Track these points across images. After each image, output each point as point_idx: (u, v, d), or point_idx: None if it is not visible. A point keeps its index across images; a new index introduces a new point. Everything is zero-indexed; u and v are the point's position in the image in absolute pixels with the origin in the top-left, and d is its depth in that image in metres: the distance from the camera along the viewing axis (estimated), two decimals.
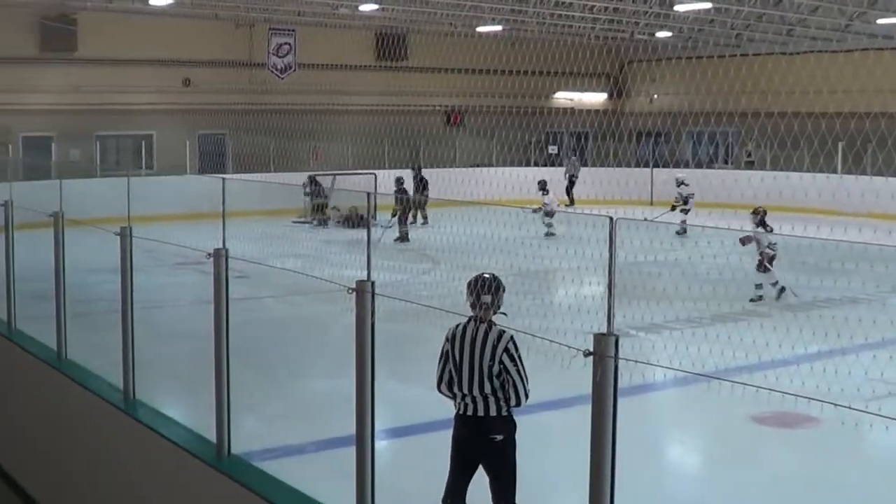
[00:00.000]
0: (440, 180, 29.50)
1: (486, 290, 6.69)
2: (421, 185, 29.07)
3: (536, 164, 36.34)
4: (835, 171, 30.51)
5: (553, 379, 9.20)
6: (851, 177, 29.56)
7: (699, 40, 34.91)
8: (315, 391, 11.85)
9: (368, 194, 14.11)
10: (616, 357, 4.44)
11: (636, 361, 4.96)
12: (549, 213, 26.30)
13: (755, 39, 34.16)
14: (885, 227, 24.66)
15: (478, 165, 34.83)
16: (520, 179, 30.26)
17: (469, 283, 6.81)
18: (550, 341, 5.62)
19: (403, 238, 23.97)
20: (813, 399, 5.69)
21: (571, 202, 32.07)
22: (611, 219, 4.73)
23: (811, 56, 32.30)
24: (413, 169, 30.74)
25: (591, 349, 4.51)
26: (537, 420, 10.13)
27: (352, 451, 6.24)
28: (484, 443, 6.73)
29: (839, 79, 28.12)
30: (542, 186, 27.30)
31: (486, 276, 6.83)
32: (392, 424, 10.04)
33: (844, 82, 27.80)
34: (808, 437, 10.41)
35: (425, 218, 29.06)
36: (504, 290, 6.83)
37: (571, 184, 33.95)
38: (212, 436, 7.56)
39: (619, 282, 4.80)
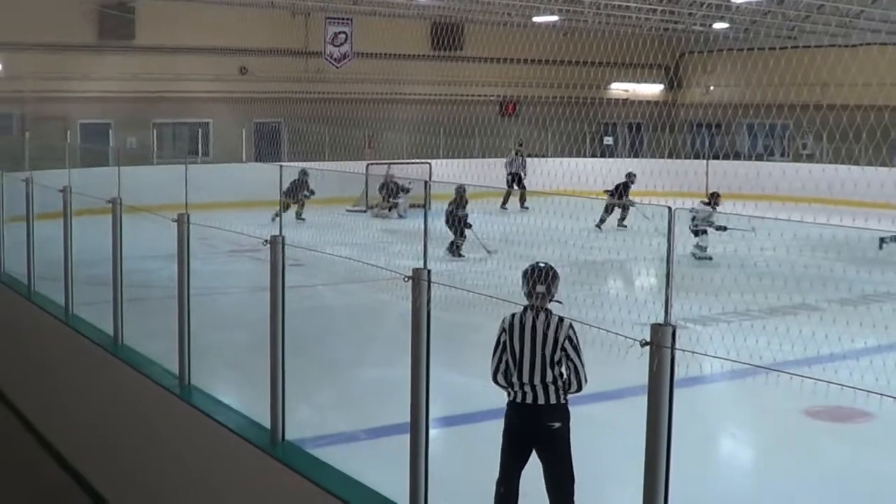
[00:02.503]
0: (495, 170, 29.53)
1: (541, 280, 6.70)
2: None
3: (594, 156, 36.26)
4: (893, 164, 30.17)
5: (605, 370, 9.19)
6: None
7: (755, 32, 34.64)
8: (368, 379, 11.88)
9: (426, 182, 14.05)
10: (673, 347, 4.43)
11: (693, 352, 4.93)
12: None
13: (812, 31, 33.81)
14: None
15: (532, 156, 34.78)
16: (577, 170, 30.28)
17: (524, 273, 6.82)
18: (607, 331, 5.61)
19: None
20: (868, 392, 5.63)
21: (522, 201, 30.96)
22: (669, 209, 4.71)
23: (871, 48, 32.00)
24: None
25: (648, 339, 4.51)
26: (589, 412, 10.13)
27: (404, 439, 6.26)
28: (540, 431, 6.74)
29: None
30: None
31: (542, 265, 6.83)
32: (445, 413, 10.05)
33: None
34: (862, 431, 10.31)
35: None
36: (559, 279, 6.84)
37: (517, 180, 32.29)
38: (266, 422, 7.60)
39: (674, 274, 4.78)
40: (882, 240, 19.99)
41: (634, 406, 4.64)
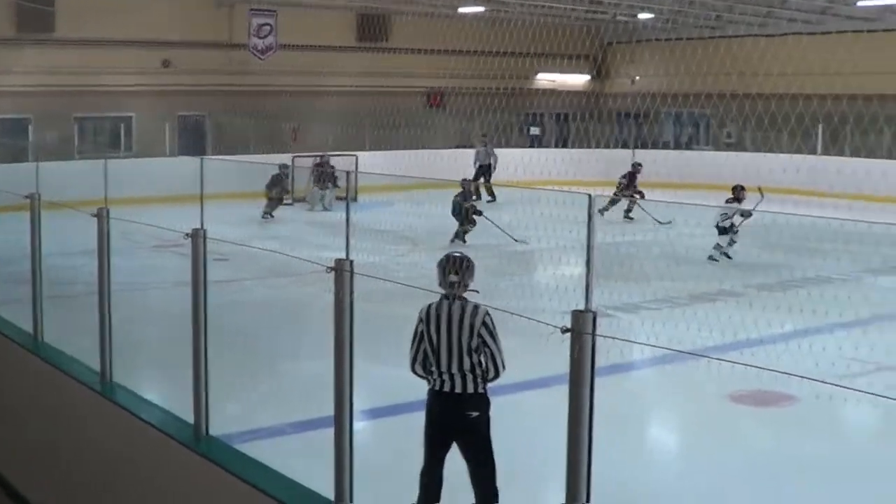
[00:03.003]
0: (421, 162, 29.50)
1: (454, 269, 6.73)
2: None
3: (521, 146, 36.37)
4: (814, 152, 30.60)
5: (532, 359, 9.25)
6: (830, 157, 29.69)
7: (680, 22, 34.93)
8: (296, 373, 11.84)
9: (347, 173, 14.04)
10: (594, 334, 4.45)
11: (614, 338, 4.97)
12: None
13: (735, 21, 34.20)
14: (862, 208, 24.90)
15: (459, 147, 34.81)
16: (504, 160, 30.37)
17: (439, 263, 6.86)
18: (529, 319, 5.63)
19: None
20: (789, 374, 5.71)
21: (491, 195, 30.70)
22: (589, 196, 4.74)
23: (791, 38, 32.40)
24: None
25: (569, 326, 4.53)
26: (517, 400, 10.18)
27: (331, 433, 6.23)
28: (459, 420, 6.76)
29: (818, 60, 28.19)
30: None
31: (456, 254, 6.87)
32: (371, 405, 10.05)
33: (823, 64, 27.85)
34: (784, 414, 10.46)
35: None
36: (473, 269, 6.87)
37: (485, 173, 32.34)
38: (190, 418, 7.54)
39: (597, 262, 4.80)
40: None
41: (562, 393, 4.66)
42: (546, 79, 39.26)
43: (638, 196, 26.10)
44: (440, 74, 33.97)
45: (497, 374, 6.76)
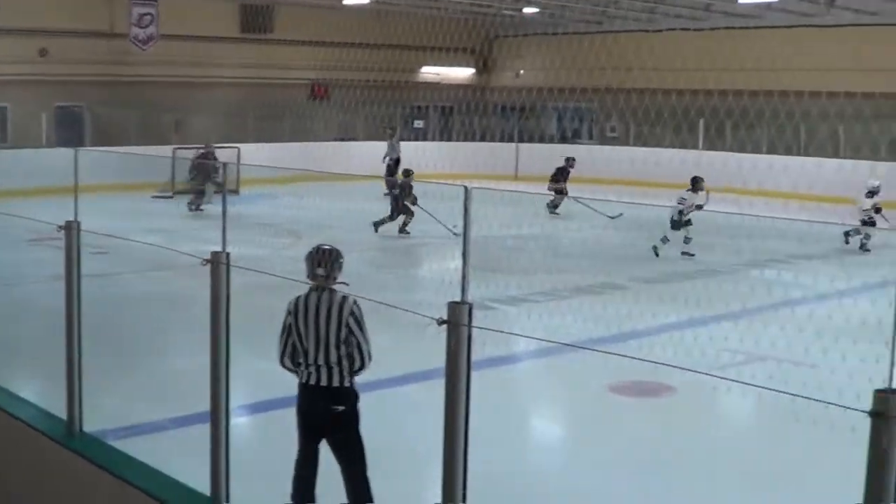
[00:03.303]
0: (304, 154, 29.31)
1: (320, 262, 6.72)
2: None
3: (403, 139, 36.34)
4: (696, 147, 31.11)
5: (415, 352, 9.24)
6: (712, 152, 30.16)
7: (564, 16, 35.24)
8: (176, 368, 11.67)
9: (225, 165, 13.90)
10: (469, 325, 4.46)
11: (489, 329, 4.98)
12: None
13: (619, 16, 34.59)
14: (745, 202, 25.32)
15: (343, 139, 34.70)
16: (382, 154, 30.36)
17: (307, 255, 6.83)
18: (405, 310, 5.62)
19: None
20: (667, 366, 5.78)
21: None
22: (465, 188, 4.75)
23: (674, 34, 32.92)
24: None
25: (446, 318, 4.54)
26: (398, 394, 10.19)
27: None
28: (326, 413, 6.73)
29: (701, 56, 28.67)
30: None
31: (326, 247, 6.85)
32: (253, 400, 9.97)
33: (706, 60, 28.33)
34: (665, 405, 10.57)
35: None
36: (341, 260, 6.84)
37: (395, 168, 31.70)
38: (64, 414, 7.41)
39: (481, 255, 4.82)
40: (847, 234, 20.55)
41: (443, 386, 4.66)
42: (430, 72, 39.32)
43: (562, 194, 26.09)
44: (324, 66, 33.80)
45: (363, 365, 6.74)
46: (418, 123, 38.96)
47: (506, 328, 12.84)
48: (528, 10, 35.25)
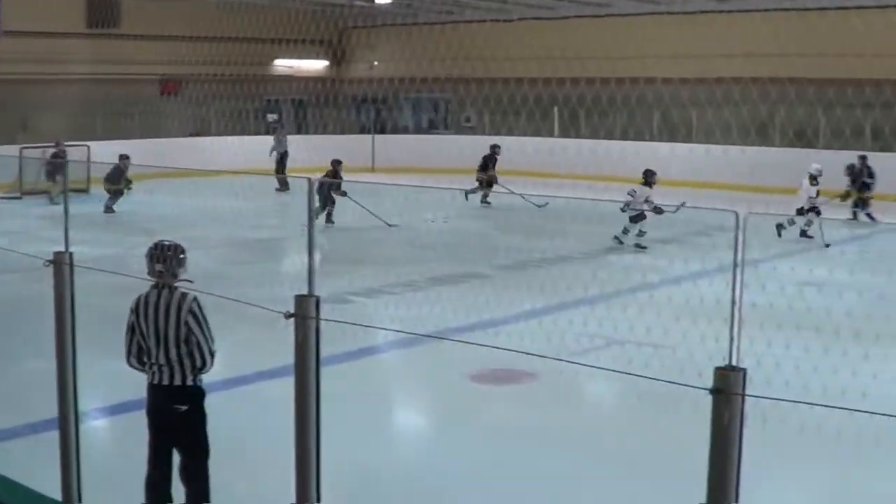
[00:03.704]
0: (156, 151, 28.87)
1: (158, 258, 6.60)
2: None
3: (257, 133, 35.99)
4: (551, 134, 31.45)
5: (272, 348, 9.13)
6: (567, 139, 30.53)
7: (418, 7, 35.27)
8: (28, 372, 11.37)
9: (66, 163, 13.63)
10: (317, 318, 4.42)
11: (339, 322, 4.95)
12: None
13: (473, 6, 34.75)
14: (601, 188, 25.74)
15: (196, 135, 34.22)
16: (242, 148, 30.02)
17: (147, 252, 6.70)
18: (253, 305, 5.56)
19: None
20: (527, 353, 5.81)
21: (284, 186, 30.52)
22: (308, 180, 4.72)
23: (526, 23, 33.19)
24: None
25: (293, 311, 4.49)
26: (254, 389, 10.09)
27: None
28: (170, 412, 6.62)
29: (553, 45, 28.96)
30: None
31: (166, 243, 6.72)
32: (107, 402, 9.77)
33: (558, 48, 28.62)
34: (526, 391, 10.64)
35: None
36: (183, 257, 6.72)
37: (281, 162, 31.97)
38: None
39: (341, 248, 4.79)
40: (780, 226, 20.51)
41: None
42: (283, 65, 39.00)
43: (491, 184, 25.95)
44: (174, 61, 33.25)
45: (205, 364, 6.62)
46: (272, 117, 38.58)
47: (365, 320, 12.82)
48: (380, 0, 35.20)
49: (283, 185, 28.53)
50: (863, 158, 24.93)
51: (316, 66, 40.32)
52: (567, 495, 7.96)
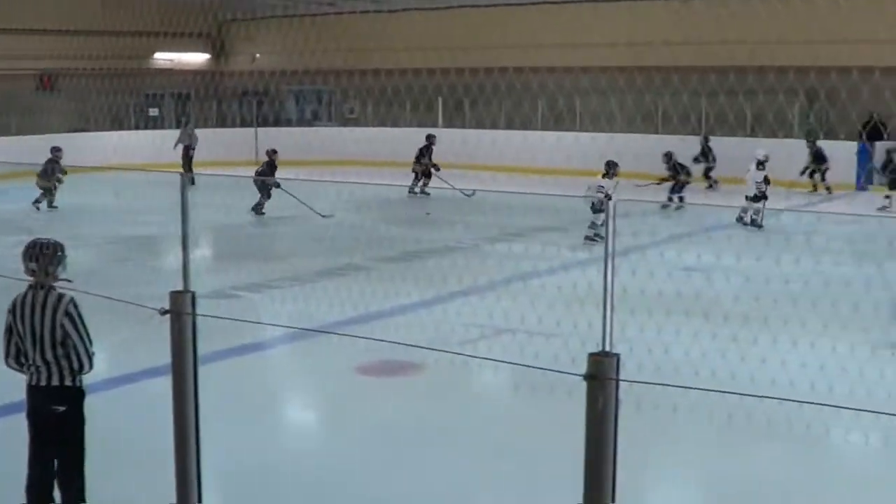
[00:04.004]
0: (35, 148, 28.30)
1: (33, 257, 6.51)
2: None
3: (138, 128, 35.49)
4: (435, 125, 31.51)
5: (157, 346, 9.06)
6: (451, 129, 30.60)
7: None
8: None
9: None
10: (194, 313, 4.42)
11: (217, 317, 4.95)
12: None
13: None
14: (487, 177, 25.92)
15: (77, 131, 33.63)
16: (122, 143, 29.56)
17: (23, 250, 6.61)
18: (131, 303, 5.53)
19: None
20: (413, 346, 5.87)
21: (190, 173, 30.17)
22: (181, 174, 4.71)
23: (408, 14, 33.18)
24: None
25: (168, 307, 4.49)
26: (139, 388, 10.00)
27: None
28: (47, 414, 6.54)
29: (436, 35, 29.06)
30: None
31: (43, 241, 6.63)
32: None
33: (441, 38, 28.73)
34: (412, 382, 10.68)
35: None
36: (61, 255, 6.62)
37: (188, 156, 31.66)
38: None
39: (224, 243, 4.80)
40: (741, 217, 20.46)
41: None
42: (164, 58, 38.51)
43: (434, 170, 25.81)
44: (51, 56, 32.68)
45: (83, 367, 6.53)
46: (153, 111, 38.05)
47: (251, 316, 12.76)
48: None
49: (189, 180, 28.09)
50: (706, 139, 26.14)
51: (197, 59, 39.93)
52: (455, 486, 8.02)
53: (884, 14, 24.84)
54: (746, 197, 20.56)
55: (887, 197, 23.78)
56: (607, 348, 3.84)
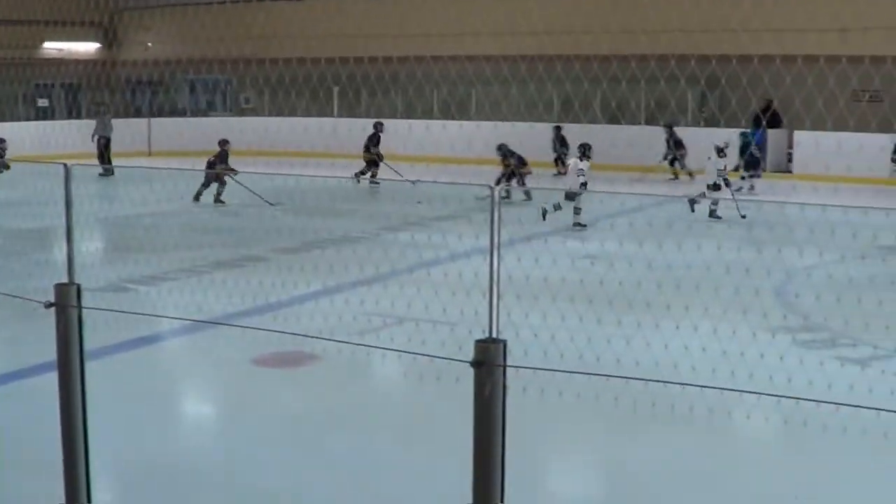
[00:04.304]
0: None
1: None
2: None
3: (28, 119, 34.78)
4: (331, 114, 31.38)
5: (49, 340, 8.85)
6: (349, 119, 30.52)
7: None
8: None
9: None
10: (80, 306, 4.28)
11: (104, 310, 4.82)
12: None
13: None
14: (386, 168, 25.89)
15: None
16: (10, 134, 28.96)
17: None
18: (17, 297, 5.37)
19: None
20: (310, 336, 5.79)
21: (108, 164, 29.63)
22: (65, 165, 4.56)
23: (305, 3, 32.97)
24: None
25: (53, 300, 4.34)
26: (35, 383, 9.76)
27: None
28: None
29: (334, 24, 28.91)
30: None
31: None
32: None
33: (339, 27, 28.59)
34: (309, 373, 10.60)
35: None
36: None
37: (106, 147, 31.17)
38: None
39: (116, 236, 4.65)
40: (693, 201, 20.17)
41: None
42: (53, 48, 37.78)
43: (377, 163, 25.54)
44: None
45: None
46: (43, 102, 37.28)
47: (145, 308, 12.56)
48: None
49: (107, 171, 27.77)
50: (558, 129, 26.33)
51: (88, 48, 39.26)
52: (354, 474, 7.98)
53: (784, 3, 25.24)
54: (708, 186, 20.60)
55: (743, 178, 24.77)
56: (494, 335, 3.79)
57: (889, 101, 22.25)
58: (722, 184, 20.51)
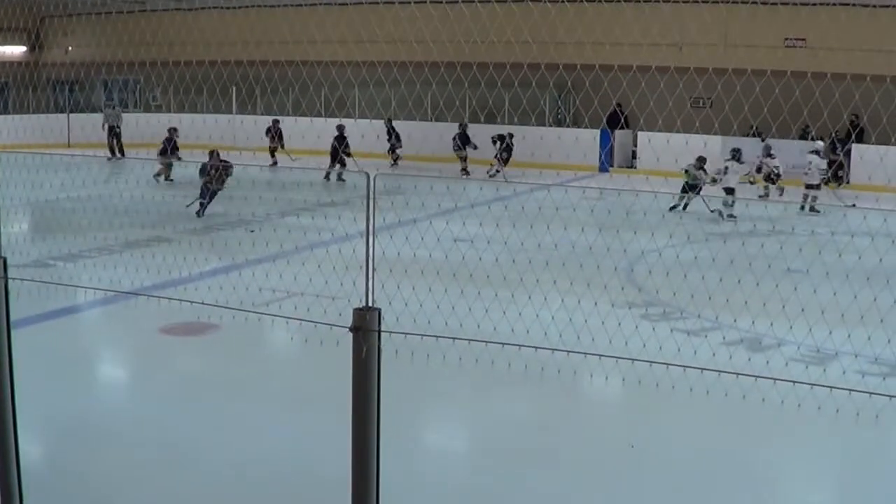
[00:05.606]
0: None
1: None
2: None
3: None
4: (230, 112, 31.14)
5: None
6: (245, 116, 30.49)
7: None
8: None
9: None
10: (6, 277, 4.18)
11: (29, 280, 4.70)
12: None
13: None
14: (284, 159, 25.75)
15: None
16: None
17: None
18: None
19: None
20: (213, 305, 5.75)
21: (120, 153, 29.68)
22: None
23: (208, 11, 32.47)
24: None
25: None
26: None
27: None
28: None
29: (232, 31, 28.42)
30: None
31: None
32: None
33: (237, 34, 28.15)
34: (211, 341, 10.53)
35: None
36: None
37: (116, 136, 30.76)
38: None
39: (41, 217, 4.53)
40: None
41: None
42: None
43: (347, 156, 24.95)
44: None
45: None
46: None
47: (64, 281, 12.33)
48: None
49: (121, 153, 28.43)
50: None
51: (15, 51, 38.40)
52: (250, 431, 7.96)
53: (622, 18, 25.62)
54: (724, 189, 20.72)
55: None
56: (370, 303, 3.84)
57: (717, 107, 22.74)
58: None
